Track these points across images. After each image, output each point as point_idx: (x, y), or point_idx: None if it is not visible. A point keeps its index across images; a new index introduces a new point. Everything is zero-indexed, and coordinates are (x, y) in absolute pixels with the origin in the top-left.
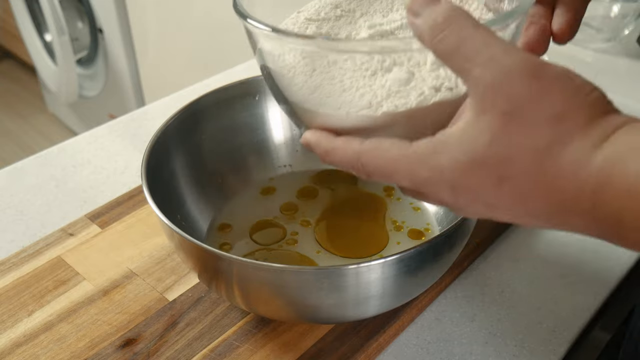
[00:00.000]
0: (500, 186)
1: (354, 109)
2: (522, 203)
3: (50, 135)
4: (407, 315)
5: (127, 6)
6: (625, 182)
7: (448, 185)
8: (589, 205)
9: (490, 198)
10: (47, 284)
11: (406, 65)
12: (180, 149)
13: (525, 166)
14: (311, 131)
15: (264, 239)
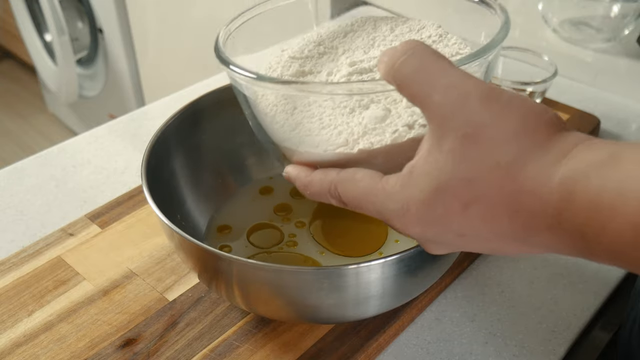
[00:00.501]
0: (466, 211)
1: (331, 147)
2: (489, 224)
3: (50, 135)
4: (407, 315)
5: (127, 6)
6: (586, 197)
7: (415, 219)
8: (553, 221)
9: (458, 225)
10: (47, 284)
11: (383, 103)
12: (180, 149)
13: (488, 186)
14: (292, 166)
15: (262, 242)
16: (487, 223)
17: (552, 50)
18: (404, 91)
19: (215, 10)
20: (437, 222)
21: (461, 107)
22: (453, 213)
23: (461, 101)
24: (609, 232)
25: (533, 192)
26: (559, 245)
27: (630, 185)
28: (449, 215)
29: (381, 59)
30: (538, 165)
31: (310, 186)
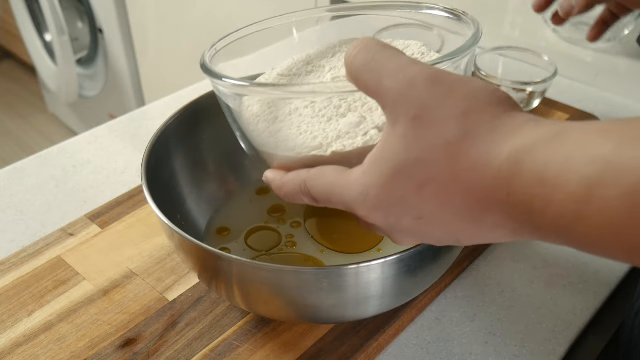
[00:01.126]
0: (421, 191)
1: (305, 149)
2: (444, 204)
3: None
4: (407, 315)
5: (127, 6)
6: (533, 171)
7: (375, 203)
8: (503, 195)
9: (415, 207)
10: (47, 284)
11: (359, 111)
12: (180, 149)
13: (440, 165)
14: (270, 170)
15: (261, 245)
16: (441, 202)
17: (552, 50)
18: (359, 84)
19: (215, 10)
20: (395, 205)
21: (409, 90)
22: (409, 195)
23: (408, 84)
24: (554, 206)
25: (483, 168)
26: (510, 222)
27: (575, 160)
28: (406, 197)
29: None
30: (487, 142)
31: (284, 187)
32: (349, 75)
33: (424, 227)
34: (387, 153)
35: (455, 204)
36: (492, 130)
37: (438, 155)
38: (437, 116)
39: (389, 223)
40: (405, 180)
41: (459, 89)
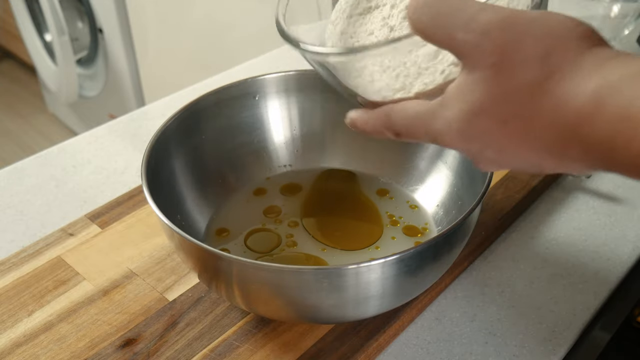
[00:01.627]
0: (504, 128)
1: (390, 92)
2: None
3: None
4: (407, 315)
5: (127, 6)
6: (617, 107)
7: (458, 134)
8: (586, 132)
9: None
10: (47, 284)
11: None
12: (180, 149)
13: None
14: (353, 110)
15: (261, 246)
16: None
17: None
18: (430, 40)
19: (215, 10)
20: (477, 138)
21: (484, 39)
22: (491, 130)
23: (482, 33)
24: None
25: (566, 105)
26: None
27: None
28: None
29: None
30: (570, 79)
31: (369, 122)
32: (417, 33)
33: (506, 158)
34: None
35: (538, 140)
36: (575, 68)
37: (521, 95)
38: (517, 60)
39: (472, 153)
40: (487, 118)
41: (535, 29)
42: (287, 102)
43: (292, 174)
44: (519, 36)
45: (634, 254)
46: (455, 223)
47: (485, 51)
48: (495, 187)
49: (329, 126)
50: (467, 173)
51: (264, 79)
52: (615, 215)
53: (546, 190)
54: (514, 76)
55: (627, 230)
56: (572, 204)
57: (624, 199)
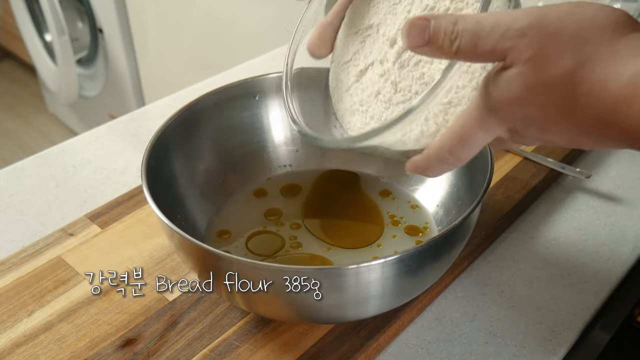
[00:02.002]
0: (544, 112)
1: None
2: (566, 124)
3: (50, 135)
4: (407, 315)
5: (127, 6)
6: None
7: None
8: (622, 117)
9: (539, 122)
10: (47, 284)
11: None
12: (180, 149)
13: (559, 93)
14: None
15: (264, 249)
16: (563, 122)
17: None
18: (474, 61)
19: (215, 10)
20: (520, 120)
21: (521, 40)
22: (532, 114)
23: (520, 37)
24: None
25: (601, 92)
26: (629, 139)
27: None
28: (529, 115)
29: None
30: (605, 67)
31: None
32: (459, 58)
33: (548, 136)
34: (504, 89)
35: (576, 123)
36: (610, 56)
37: (555, 84)
38: (551, 53)
39: (516, 131)
40: (526, 104)
41: (568, 24)
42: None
43: (293, 174)
44: (553, 32)
45: (634, 254)
46: (455, 223)
47: (522, 49)
48: (495, 187)
49: None
50: (467, 173)
51: (264, 79)
52: (615, 215)
53: (546, 190)
54: (548, 67)
55: (627, 230)
56: (572, 204)
57: (624, 199)
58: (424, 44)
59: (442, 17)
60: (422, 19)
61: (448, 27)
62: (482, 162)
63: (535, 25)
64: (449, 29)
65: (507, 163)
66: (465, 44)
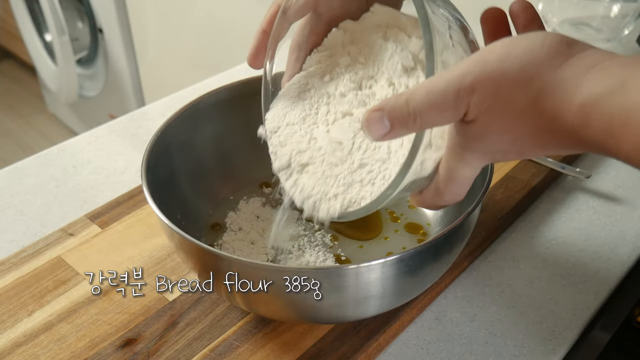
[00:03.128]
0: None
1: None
2: (538, 144)
3: (50, 135)
4: (407, 315)
5: (127, 6)
6: (600, 123)
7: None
8: (580, 138)
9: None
10: (47, 284)
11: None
12: (180, 149)
13: (525, 126)
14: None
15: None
16: (535, 146)
17: None
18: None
19: (215, 10)
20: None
21: (474, 95)
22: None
23: (472, 92)
24: (624, 150)
25: (560, 119)
26: (590, 151)
27: (637, 110)
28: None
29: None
30: (558, 98)
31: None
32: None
33: (526, 155)
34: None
35: (546, 144)
36: (558, 88)
37: (519, 122)
38: (505, 98)
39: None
40: (498, 143)
41: (509, 67)
42: None
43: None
44: (498, 78)
45: (634, 254)
46: (455, 223)
47: (477, 104)
48: (495, 187)
49: None
50: None
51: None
52: (615, 215)
53: (546, 190)
54: (506, 110)
55: (627, 230)
56: (572, 204)
57: (624, 199)
58: (389, 132)
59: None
60: (374, 111)
61: (403, 108)
62: None
63: (481, 78)
64: (404, 110)
65: (507, 163)
66: (426, 120)
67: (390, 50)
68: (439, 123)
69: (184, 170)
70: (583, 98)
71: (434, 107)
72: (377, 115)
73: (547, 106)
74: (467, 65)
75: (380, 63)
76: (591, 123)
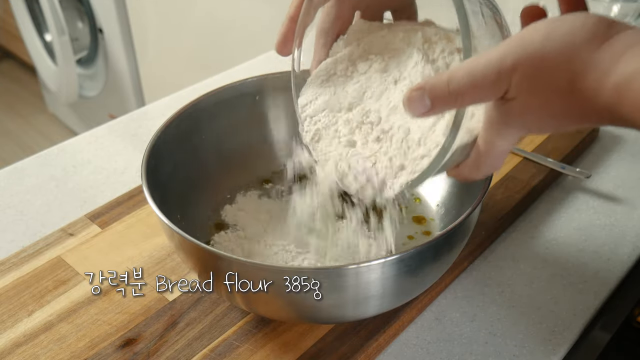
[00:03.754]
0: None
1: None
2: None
3: (50, 135)
4: (407, 315)
5: (127, 6)
6: (634, 100)
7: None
8: (614, 116)
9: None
10: (47, 284)
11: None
12: (180, 149)
13: (563, 106)
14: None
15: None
16: (570, 121)
17: None
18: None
19: (215, 10)
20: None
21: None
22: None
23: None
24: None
25: (595, 99)
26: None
27: None
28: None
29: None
30: (593, 79)
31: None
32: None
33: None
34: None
35: (580, 120)
36: (592, 68)
37: (558, 101)
38: (545, 79)
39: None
40: (536, 120)
41: (551, 48)
42: (287, 102)
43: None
44: (540, 60)
45: (634, 254)
46: (455, 223)
47: (518, 84)
48: (495, 187)
49: None
50: None
51: (264, 79)
52: (615, 215)
53: (546, 190)
54: (546, 91)
55: (627, 230)
56: (572, 204)
57: (624, 199)
58: (429, 109)
59: (432, 80)
60: (416, 90)
61: (443, 88)
62: None
63: (522, 59)
64: (444, 89)
65: (507, 163)
66: (466, 99)
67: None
68: (479, 102)
69: (184, 170)
70: (617, 78)
71: (475, 87)
72: (418, 94)
73: (585, 86)
74: (509, 45)
75: (411, 44)
76: (624, 102)
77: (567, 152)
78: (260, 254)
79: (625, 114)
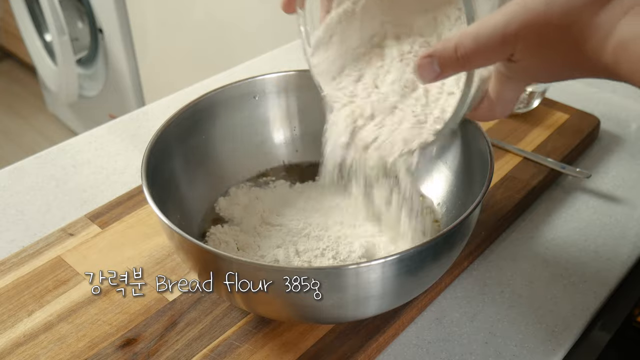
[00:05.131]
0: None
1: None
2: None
3: (50, 135)
4: (407, 315)
5: (127, 6)
6: (630, 63)
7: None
8: (612, 74)
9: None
10: (47, 284)
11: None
12: (180, 149)
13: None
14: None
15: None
16: (572, 73)
17: None
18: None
19: (215, 10)
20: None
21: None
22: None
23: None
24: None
25: (596, 60)
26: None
27: None
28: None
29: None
30: (595, 41)
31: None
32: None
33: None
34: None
35: (580, 74)
36: (595, 31)
37: (561, 61)
38: (547, 43)
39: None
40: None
41: (552, 14)
42: (287, 102)
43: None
44: (543, 26)
45: (634, 254)
46: (455, 223)
47: (522, 49)
48: (495, 187)
49: None
50: (467, 173)
51: (264, 79)
52: (615, 215)
53: (546, 190)
54: (549, 53)
55: (627, 230)
56: (572, 204)
57: (624, 199)
58: (439, 75)
59: (440, 47)
60: (425, 57)
61: (451, 54)
62: (482, 162)
63: (526, 24)
64: (452, 56)
65: (507, 163)
66: (473, 63)
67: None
68: (486, 65)
69: (184, 170)
70: (615, 41)
71: (481, 52)
72: (427, 61)
73: (586, 48)
74: (513, 9)
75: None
76: (622, 63)
77: (567, 152)
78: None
79: (622, 74)
